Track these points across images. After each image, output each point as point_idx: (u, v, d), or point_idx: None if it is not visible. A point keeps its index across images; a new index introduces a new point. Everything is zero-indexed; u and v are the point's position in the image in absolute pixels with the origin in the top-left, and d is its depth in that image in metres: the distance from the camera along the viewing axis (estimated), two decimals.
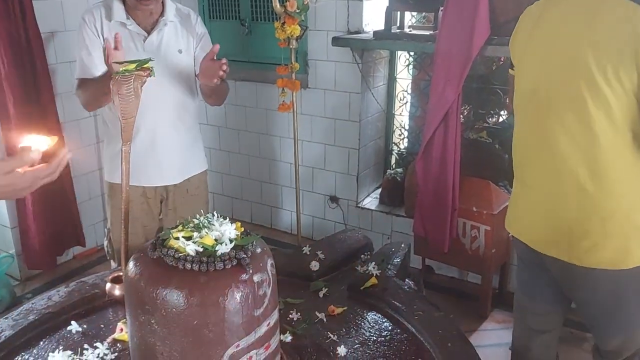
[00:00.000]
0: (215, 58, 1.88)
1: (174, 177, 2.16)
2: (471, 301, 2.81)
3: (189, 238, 1.13)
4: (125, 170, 1.37)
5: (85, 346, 1.44)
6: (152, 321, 1.08)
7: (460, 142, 2.63)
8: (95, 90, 1.91)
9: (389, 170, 3.46)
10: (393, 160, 3.57)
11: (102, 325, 1.58)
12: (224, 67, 1.83)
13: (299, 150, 3.02)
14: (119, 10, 1.95)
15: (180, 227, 1.17)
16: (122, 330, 1.50)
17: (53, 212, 3.01)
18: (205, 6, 3.49)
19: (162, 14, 2.01)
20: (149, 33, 1.99)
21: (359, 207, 3.37)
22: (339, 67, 3.14)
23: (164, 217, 2.25)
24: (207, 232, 1.14)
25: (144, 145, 2.04)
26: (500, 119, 3.07)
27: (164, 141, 2.07)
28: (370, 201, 3.44)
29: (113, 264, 2.24)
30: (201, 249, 1.10)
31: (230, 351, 1.09)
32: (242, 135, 3.68)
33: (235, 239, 1.15)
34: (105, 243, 2.26)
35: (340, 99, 3.21)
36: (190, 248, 1.10)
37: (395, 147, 3.54)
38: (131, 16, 1.97)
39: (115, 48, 1.70)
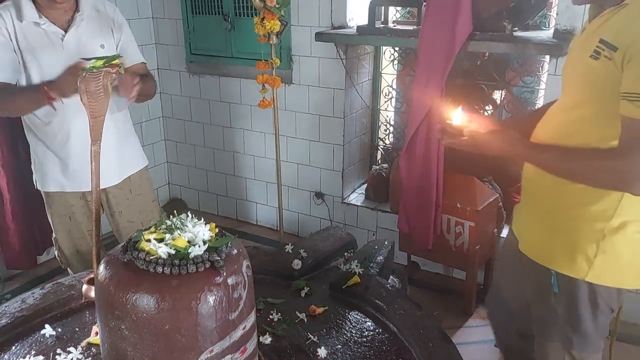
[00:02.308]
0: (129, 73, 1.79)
1: (112, 178, 2.07)
2: (456, 297, 2.81)
3: (160, 240, 1.10)
4: (95, 170, 1.33)
5: (59, 351, 1.41)
6: (123, 327, 1.05)
7: None
8: (22, 102, 1.81)
9: (374, 166, 3.44)
10: (379, 156, 3.55)
11: (77, 329, 1.55)
12: (137, 87, 1.78)
13: (283, 146, 2.99)
14: (29, 9, 1.82)
15: (152, 229, 1.14)
16: (97, 333, 1.46)
17: (32, 211, 2.96)
18: (187, 1, 3.44)
19: (77, 9, 1.89)
20: (65, 31, 1.87)
21: (345, 203, 3.35)
22: (323, 62, 3.11)
23: (111, 222, 2.19)
24: (179, 234, 1.11)
25: (77, 150, 1.96)
26: (485, 114, 3.06)
27: None
28: (356, 197, 3.42)
29: (70, 272, 2.18)
30: (173, 252, 1.07)
31: (204, 356, 1.06)
32: (227, 132, 3.64)
33: (209, 240, 1.12)
34: (56, 253, 2.20)
35: (324, 95, 3.18)
36: (162, 250, 1.07)
37: (380, 143, 3.52)
38: (44, 15, 1.84)
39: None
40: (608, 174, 1.21)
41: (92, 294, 1.63)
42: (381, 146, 3.53)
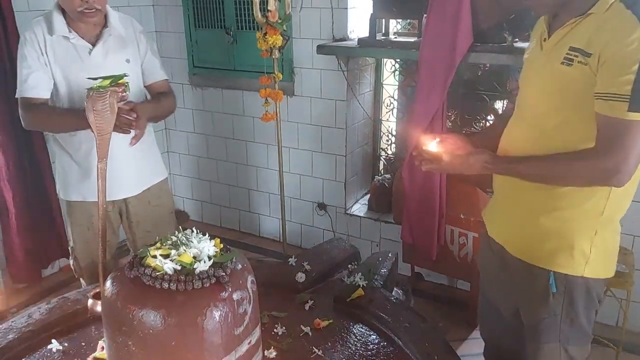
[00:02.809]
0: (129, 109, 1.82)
1: (132, 188, 2.11)
2: (460, 309, 2.80)
3: (166, 256, 1.11)
4: (101, 187, 1.34)
5: None
6: (130, 342, 1.06)
7: None
8: (60, 123, 1.90)
9: (377, 177, 3.45)
10: (381, 166, 3.56)
11: (83, 343, 1.55)
12: (131, 125, 1.82)
13: (285, 157, 3.01)
14: (60, 24, 1.89)
15: (158, 245, 1.15)
16: (102, 348, 1.46)
17: (37, 225, 2.97)
18: (190, 15, 3.48)
19: (105, 24, 1.96)
20: (93, 45, 1.94)
21: (348, 214, 3.36)
22: (324, 74, 3.13)
23: (128, 232, 2.21)
24: (185, 250, 1.12)
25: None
26: (487, 124, 3.07)
27: (119, 153, 1.97)
28: (359, 208, 3.42)
29: (83, 283, 2.20)
30: (179, 267, 1.09)
31: None
32: (230, 143, 3.66)
33: (215, 255, 1.13)
34: (71, 262, 2.21)
35: (326, 106, 3.20)
36: (168, 266, 1.08)
37: (383, 153, 3.54)
38: (73, 29, 1.91)
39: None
40: (591, 173, 1.27)
41: (98, 308, 1.64)
42: (383, 157, 3.54)
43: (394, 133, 3.47)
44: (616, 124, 1.21)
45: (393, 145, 3.51)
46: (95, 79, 1.44)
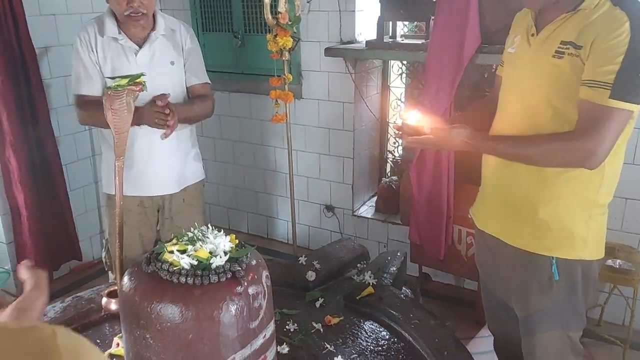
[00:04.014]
0: (159, 106, 1.88)
1: (171, 186, 2.17)
2: (468, 308, 2.81)
3: (183, 251, 1.13)
4: (119, 184, 1.37)
5: None
6: (147, 336, 1.08)
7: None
8: (101, 116, 1.94)
9: (384, 179, 3.47)
10: (388, 168, 3.58)
11: (98, 341, 1.58)
12: (166, 121, 1.87)
13: (293, 160, 3.03)
14: (111, 26, 2.00)
15: (174, 241, 1.18)
16: (118, 345, 1.49)
17: (49, 227, 3.00)
18: (198, 19, 3.52)
19: (153, 27, 2.05)
20: (140, 47, 2.03)
21: (355, 215, 3.38)
22: (332, 77, 3.16)
23: (160, 227, 2.25)
24: (201, 245, 1.14)
25: (141, 155, 2.07)
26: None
27: (161, 151, 2.08)
28: (366, 209, 3.44)
29: (111, 275, 2.24)
30: (196, 262, 1.11)
31: None
32: (237, 146, 3.69)
33: (230, 251, 1.15)
34: (103, 254, 2.26)
35: (334, 109, 3.22)
36: (185, 261, 1.10)
37: (390, 155, 3.56)
38: (123, 31, 2.01)
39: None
40: (568, 154, 1.34)
41: (112, 306, 1.67)
42: (390, 159, 3.56)
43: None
44: (597, 110, 1.28)
45: (400, 148, 3.53)
46: (113, 78, 1.47)
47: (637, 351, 2.50)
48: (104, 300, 1.69)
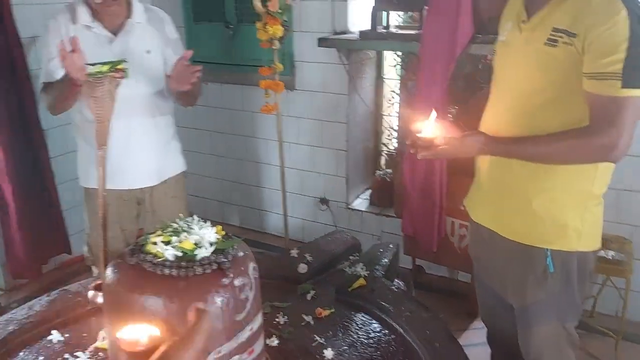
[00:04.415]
0: (188, 63, 1.85)
1: (150, 179, 2.13)
2: (461, 300, 2.79)
3: (167, 242, 1.10)
4: (101, 175, 1.33)
5: (66, 355, 1.41)
6: None
7: None
8: (57, 94, 1.89)
9: (378, 171, 3.45)
10: (382, 161, 3.56)
11: (84, 334, 1.55)
12: (197, 74, 1.82)
13: (286, 152, 3.00)
14: (83, 13, 1.93)
15: (158, 232, 1.15)
16: (104, 338, 1.46)
17: (37, 221, 2.96)
18: (189, 9, 3.47)
19: (129, 15, 1.98)
20: (115, 35, 1.96)
21: (349, 208, 3.35)
22: (325, 68, 3.13)
23: (142, 221, 2.22)
24: (186, 236, 1.11)
25: (118, 148, 1.99)
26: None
27: (138, 143, 2.03)
28: (361, 202, 3.42)
29: (95, 270, 2.21)
30: (180, 254, 1.08)
31: (211, 357, 1.06)
32: (229, 139, 3.65)
33: (216, 242, 1.13)
34: (85, 249, 2.23)
35: (327, 101, 3.19)
36: (169, 253, 1.07)
37: (384, 148, 3.53)
38: (97, 19, 1.94)
39: (73, 51, 1.63)
40: (588, 150, 1.31)
41: (99, 300, 1.63)
42: (385, 151, 3.53)
43: (395, 128, 3.46)
44: (611, 102, 1.25)
45: (394, 140, 3.51)
46: (94, 64, 1.43)
47: (630, 342, 2.50)
48: (91, 293, 1.65)
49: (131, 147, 2.03)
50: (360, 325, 1.57)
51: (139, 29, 2.00)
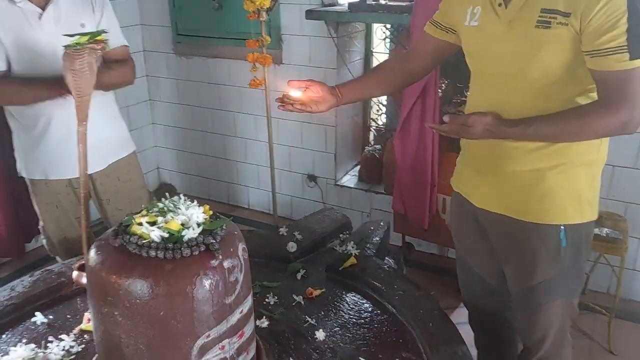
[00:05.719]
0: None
1: (97, 163, 2.00)
2: (451, 277, 2.78)
3: (153, 223, 1.06)
4: (82, 152, 1.27)
5: (50, 338, 1.37)
6: (116, 313, 1.01)
7: (439, 117, 2.58)
8: (32, 94, 1.77)
9: (367, 147, 3.40)
10: (371, 137, 3.51)
11: (69, 316, 1.51)
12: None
13: (274, 128, 2.94)
14: None
15: (144, 212, 1.10)
16: (89, 320, 1.42)
17: (20, 199, 2.88)
18: None
19: None
20: (43, 9, 1.81)
21: (338, 185, 3.32)
22: (313, 41, 3.05)
23: (99, 210, 2.14)
24: (172, 217, 1.07)
25: (59, 136, 1.91)
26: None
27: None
28: (349, 179, 3.39)
29: (59, 260, 2.13)
30: (167, 235, 1.03)
31: (200, 342, 1.03)
32: (217, 115, 3.57)
33: (204, 223, 1.08)
34: (44, 242, 2.16)
35: (315, 75, 3.10)
36: (155, 234, 1.03)
37: (373, 124, 3.48)
38: None
39: None
40: (604, 126, 1.29)
41: (83, 280, 1.59)
42: (374, 127, 3.49)
43: (384, 103, 3.41)
44: (621, 76, 1.23)
45: (384, 116, 3.46)
46: (72, 35, 1.35)
47: (623, 320, 2.52)
48: (75, 273, 1.61)
49: (73, 133, 1.77)
50: (351, 305, 1.54)
51: (68, 2, 1.85)
